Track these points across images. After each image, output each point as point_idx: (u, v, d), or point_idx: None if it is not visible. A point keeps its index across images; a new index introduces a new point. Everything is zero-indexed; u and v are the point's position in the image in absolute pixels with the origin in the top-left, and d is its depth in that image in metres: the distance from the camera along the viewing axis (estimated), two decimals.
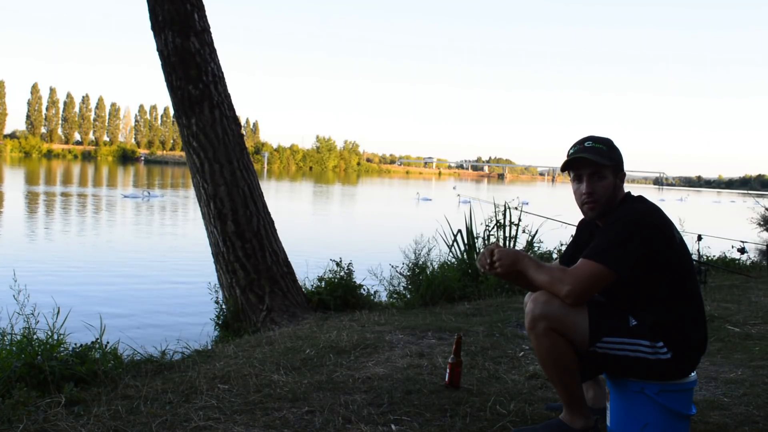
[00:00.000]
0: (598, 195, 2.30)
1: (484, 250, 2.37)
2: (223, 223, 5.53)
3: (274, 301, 5.42)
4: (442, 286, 5.95)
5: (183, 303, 8.35)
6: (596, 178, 2.30)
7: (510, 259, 2.27)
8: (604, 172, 2.30)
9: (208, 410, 2.61)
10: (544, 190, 78.16)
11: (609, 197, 2.31)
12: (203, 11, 5.59)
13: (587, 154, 2.30)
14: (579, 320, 2.19)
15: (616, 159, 2.33)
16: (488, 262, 2.31)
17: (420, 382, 3.06)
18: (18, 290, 3.26)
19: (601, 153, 2.31)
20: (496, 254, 2.29)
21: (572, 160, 2.33)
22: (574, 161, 2.33)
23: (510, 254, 2.29)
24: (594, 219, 2.39)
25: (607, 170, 2.30)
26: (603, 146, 2.33)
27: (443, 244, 7.16)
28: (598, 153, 2.30)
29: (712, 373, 3.42)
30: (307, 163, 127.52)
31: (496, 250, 2.31)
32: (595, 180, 2.30)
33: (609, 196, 2.31)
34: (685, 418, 2.23)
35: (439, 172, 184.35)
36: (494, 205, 7.40)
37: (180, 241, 15.42)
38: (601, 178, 2.30)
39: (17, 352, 3.05)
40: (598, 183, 2.30)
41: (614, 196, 2.32)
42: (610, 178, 2.31)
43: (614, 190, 2.32)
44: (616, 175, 2.33)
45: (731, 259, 9.26)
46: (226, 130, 5.56)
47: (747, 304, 5.64)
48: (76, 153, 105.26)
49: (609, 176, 2.31)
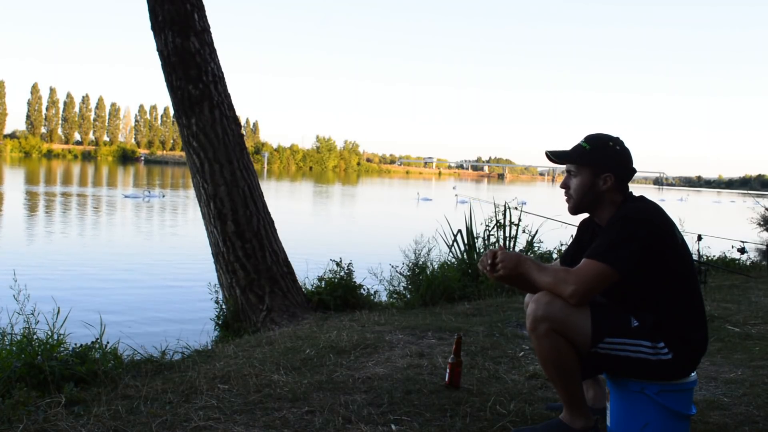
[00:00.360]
0: (571, 191, 2.40)
1: (486, 252, 2.38)
2: (223, 223, 5.53)
3: (274, 301, 5.42)
4: (442, 286, 5.95)
5: (183, 303, 8.36)
6: (571, 174, 2.39)
7: (513, 262, 2.27)
8: (579, 170, 2.36)
9: (208, 410, 2.61)
10: (544, 190, 78.18)
11: (584, 195, 2.36)
12: (203, 11, 5.59)
13: (563, 151, 2.40)
14: (581, 321, 2.19)
15: (597, 160, 2.34)
16: (489, 263, 2.32)
17: (420, 382, 3.06)
18: (18, 290, 3.26)
19: (580, 152, 2.36)
20: (498, 256, 2.30)
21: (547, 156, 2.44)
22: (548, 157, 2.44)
23: (512, 257, 2.29)
24: (572, 214, 2.46)
25: (582, 169, 2.36)
26: (588, 145, 2.37)
27: (443, 244, 7.16)
28: (576, 152, 2.37)
29: (712, 373, 3.42)
30: (307, 163, 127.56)
31: (498, 252, 2.31)
32: (570, 176, 2.40)
33: (584, 194, 2.36)
34: (685, 418, 2.23)
35: (439, 172, 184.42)
36: (494, 205, 7.41)
37: (180, 241, 15.43)
38: (575, 175, 2.38)
39: (17, 352, 3.05)
40: (572, 179, 2.39)
41: (593, 195, 2.35)
42: (584, 177, 2.35)
43: (591, 189, 2.35)
44: (596, 174, 2.34)
45: (731, 259, 9.26)
46: (226, 130, 5.56)
47: (747, 304, 5.64)
48: (76, 153, 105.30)
49: (584, 175, 2.35)
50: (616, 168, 2.34)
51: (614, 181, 2.33)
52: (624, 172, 2.36)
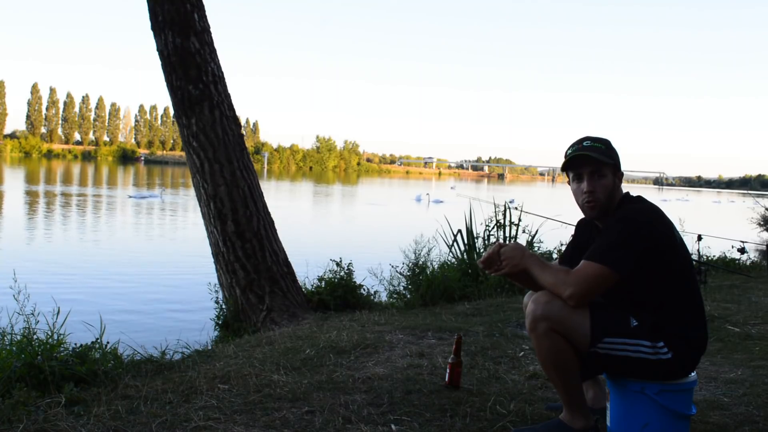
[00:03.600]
0: (598, 193, 2.31)
1: (489, 248, 2.38)
2: (223, 223, 5.53)
3: (274, 301, 5.42)
4: (442, 286, 5.95)
5: (183, 303, 8.35)
6: (597, 176, 2.31)
7: (517, 258, 2.29)
8: (604, 170, 2.32)
9: (208, 410, 2.61)
10: (544, 190, 78.16)
11: (609, 196, 2.32)
12: (203, 11, 5.59)
13: (588, 152, 2.31)
14: (580, 321, 2.19)
15: (614, 158, 2.35)
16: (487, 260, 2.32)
17: (420, 382, 3.06)
18: (18, 290, 3.26)
19: (601, 151, 2.32)
20: (502, 253, 2.31)
21: (573, 159, 2.33)
22: (575, 159, 2.33)
23: (517, 253, 2.30)
24: (594, 218, 2.39)
25: (607, 168, 2.32)
26: (601, 145, 2.35)
27: (443, 244, 7.17)
28: (597, 152, 2.32)
29: (712, 373, 3.42)
30: (307, 163, 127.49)
31: (502, 249, 2.33)
32: (595, 178, 2.31)
33: (609, 195, 2.31)
34: (685, 418, 2.23)
35: (439, 172, 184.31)
36: (494, 205, 7.41)
37: (180, 241, 15.42)
38: (601, 176, 2.31)
39: (17, 352, 3.05)
40: (599, 181, 2.31)
41: (614, 195, 2.33)
42: (609, 176, 2.32)
43: (614, 189, 2.33)
44: (615, 174, 2.34)
45: (731, 259, 9.26)
46: (226, 130, 5.56)
47: (747, 304, 5.64)
48: (76, 153, 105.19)
49: (609, 175, 2.32)
50: (621, 167, 2.38)
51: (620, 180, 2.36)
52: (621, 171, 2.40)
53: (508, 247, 2.33)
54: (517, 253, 2.30)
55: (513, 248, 2.32)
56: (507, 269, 2.30)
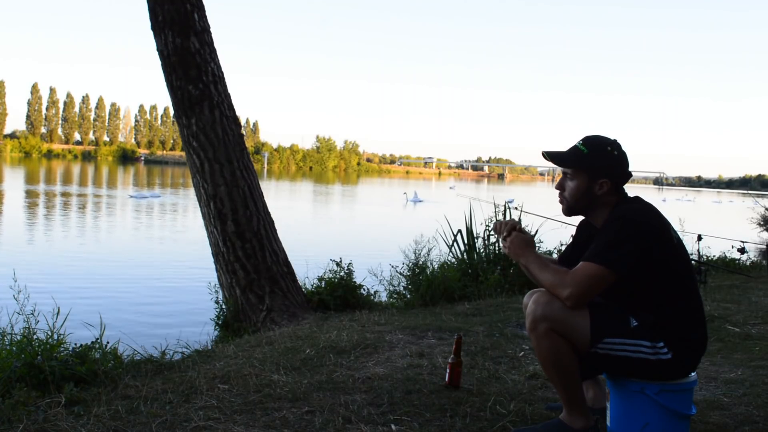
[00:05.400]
0: (565, 193, 2.37)
1: (507, 221, 2.45)
2: (223, 223, 5.53)
3: (274, 301, 5.42)
4: (442, 286, 5.95)
5: (183, 303, 8.36)
6: (567, 177, 2.37)
7: (517, 249, 2.35)
8: (576, 174, 2.33)
9: (208, 410, 2.61)
10: (544, 190, 78.13)
11: (579, 198, 2.34)
12: (203, 11, 5.59)
13: (561, 153, 2.38)
14: (580, 321, 2.19)
15: (594, 164, 2.30)
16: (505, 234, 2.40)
17: (420, 382, 3.06)
18: (18, 290, 3.26)
19: (578, 155, 2.33)
20: (509, 240, 2.37)
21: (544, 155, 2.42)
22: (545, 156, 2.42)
23: (521, 244, 2.35)
24: (565, 215, 2.45)
25: (578, 173, 2.33)
26: (585, 149, 2.34)
27: (443, 244, 7.17)
28: (573, 155, 2.34)
29: (712, 373, 3.42)
30: (307, 163, 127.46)
31: (514, 233, 2.38)
32: (566, 178, 2.37)
33: (579, 198, 2.34)
34: (685, 418, 2.23)
35: (439, 172, 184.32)
36: (494, 205, 7.41)
37: (180, 241, 15.42)
38: (571, 178, 2.36)
39: (17, 352, 3.04)
40: (567, 182, 2.37)
41: (587, 199, 2.33)
42: (580, 181, 2.32)
43: (586, 193, 2.32)
44: (592, 179, 2.31)
45: (731, 259, 9.26)
46: (226, 130, 5.56)
47: (747, 304, 5.64)
48: (76, 153, 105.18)
49: (580, 179, 2.32)
50: (613, 174, 2.31)
51: (610, 186, 2.31)
52: (621, 177, 2.33)
53: (517, 236, 2.37)
54: (521, 246, 2.35)
55: (520, 240, 2.36)
56: (506, 251, 2.39)
